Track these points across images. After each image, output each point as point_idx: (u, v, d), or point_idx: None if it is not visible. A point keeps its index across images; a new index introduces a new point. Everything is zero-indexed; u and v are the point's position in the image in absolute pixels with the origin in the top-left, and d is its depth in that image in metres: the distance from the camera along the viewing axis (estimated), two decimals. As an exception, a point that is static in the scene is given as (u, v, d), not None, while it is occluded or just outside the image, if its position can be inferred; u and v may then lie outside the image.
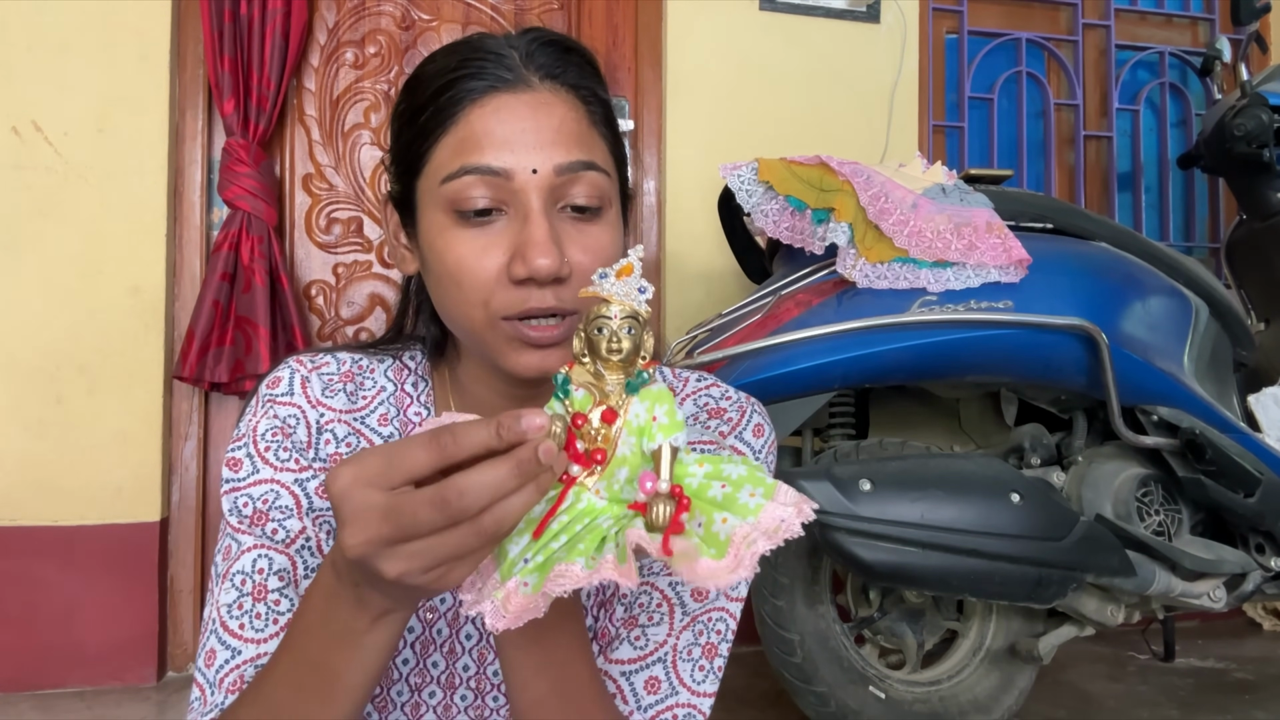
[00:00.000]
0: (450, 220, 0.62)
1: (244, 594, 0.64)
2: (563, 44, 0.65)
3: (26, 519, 2.01)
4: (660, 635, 0.67)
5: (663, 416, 0.49)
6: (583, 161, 0.61)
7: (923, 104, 2.56)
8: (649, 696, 0.66)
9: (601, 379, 0.50)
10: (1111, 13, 2.81)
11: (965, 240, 1.50)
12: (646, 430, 0.49)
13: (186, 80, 2.17)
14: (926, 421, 1.89)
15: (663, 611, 0.68)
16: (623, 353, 0.49)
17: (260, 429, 0.67)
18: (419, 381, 0.73)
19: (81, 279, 2.04)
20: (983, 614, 1.74)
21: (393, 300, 2.31)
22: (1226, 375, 1.80)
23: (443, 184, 0.61)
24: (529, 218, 0.60)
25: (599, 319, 0.50)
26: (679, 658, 0.67)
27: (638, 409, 0.50)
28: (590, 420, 0.50)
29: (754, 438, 0.72)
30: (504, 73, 0.62)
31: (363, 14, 2.32)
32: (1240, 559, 1.62)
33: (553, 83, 0.63)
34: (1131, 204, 2.86)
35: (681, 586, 0.69)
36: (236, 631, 0.63)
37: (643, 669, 0.66)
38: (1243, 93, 1.99)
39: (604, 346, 0.49)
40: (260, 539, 0.65)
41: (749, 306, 1.59)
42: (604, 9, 2.43)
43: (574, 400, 0.50)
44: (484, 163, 0.60)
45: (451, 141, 0.62)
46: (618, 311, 0.50)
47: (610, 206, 0.64)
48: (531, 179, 0.60)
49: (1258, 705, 1.96)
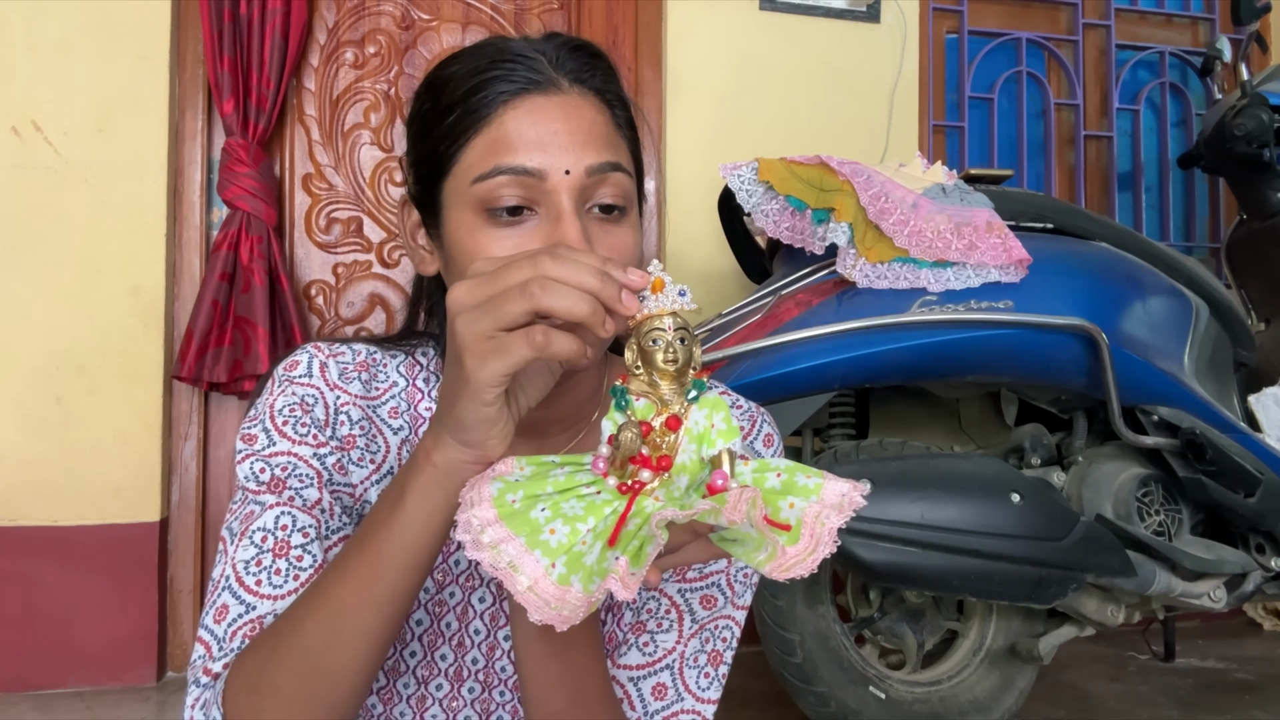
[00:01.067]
0: (481, 220, 0.62)
1: (264, 550, 0.63)
2: (589, 49, 0.66)
3: (26, 519, 2.01)
4: (669, 642, 0.69)
5: (720, 423, 0.51)
6: (611, 163, 0.62)
7: (923, 104, 2.56)
8: (656, 702, 0.68)
9: (657, 388, 0.51)
10: (1112, 12, 2.81)
11: (965, 240, 1.50)
12: (705, 437, 0.51)
13: (186, 80, 2.16)
14: (926, 422, 1.89)
15: (671, 619, 0.69)
16: (679, 363, 0.51)
17: (278, 405, 0.67)
18: (430, 377, 0.74)
19: (81, 279, 2.04)
20: (983, 614, 1.73)
21: (393, 300, 2.31)
22: (1227, 375, 1.80)
23: (474, 184, 0.62)
24: (562, 218, 0.60)
25: (654, 331, 0.51)
26: (686, 665, 0.69)
27: (697, 416, 0.51)
28: (654, 428, 0.51)
29: (764, 447, 0.73)
30: (535, 75, 0.63)
31: (362, 14, 2.32)
32: (1240, 559, 1.62)
33: (581, 86, 0.64)
34: (1132, 204, 2.86)
35: (691, 594, 0.70)
36: (252, 587, 0.62)
37: (650, 675, 0.68)
38: (1243, 92, 1.99)
39: (660, 357, 0.50)
40: (281, 499, 0.65)
41: (749, 306, 1.59)
42: (604, 9, 2.43)
43: (636, 410, 0.51)
44: (518, 163, 0.60)
45: (483, 142, 0.62)
46: (671, 323, 0.51)
47: (633, 208, 0.66)
48: (564, 180, 0.61)
49: (1258, 705, 1.96)
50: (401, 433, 0.71)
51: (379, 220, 2.32)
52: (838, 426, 1.74)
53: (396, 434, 0.71)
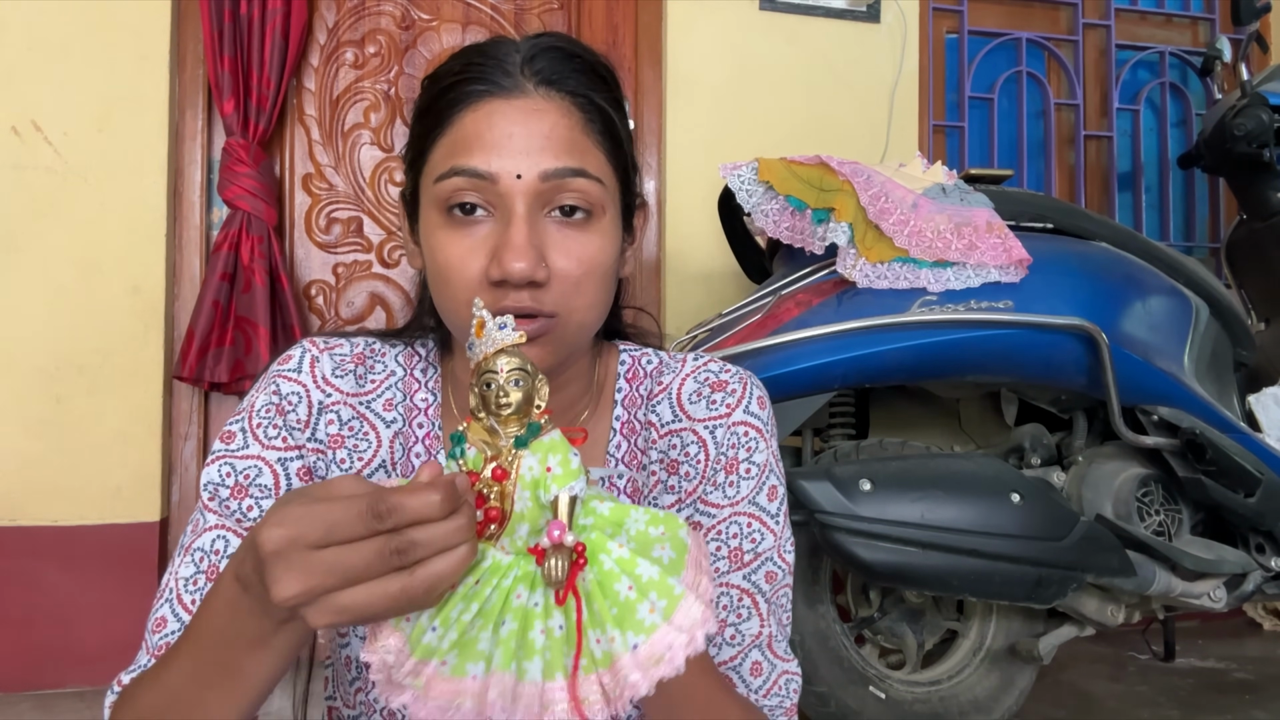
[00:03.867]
0: (441, 219, 0.64)
1: (200, 570, 0.65)
2: (566, 50, 0.66)
3: (26, 519, 2.00)
4: (754, 628, 0.70)
5: (556, 467, 0.49)
6: (570, 168, 0.62)
7: (923, 104, 2.56)
8: (756, 679, 0.70)
9: (496, 435, 0.50)
10: (1112, 12, 2.81)
11: (965, 240, 1.50)
12: (541, 483, 0.49)
13: (186, 80, 2.16)
14: (926, 421, 1.89)
15: (747, 605, 0.70)
16: (513, 405, 0.49)
17: (258, 404, 0.69)
18: (428, 368, 0.75)
19: (81, 279, 2.04)
20: (983, 614, 1.73)
21: (393, 300, 2.31)
22: (1227, 375, 1.80)
23: (436, 183, 0.63)
24: (510, 222, 0.61)
25: (487, 374, 0.49)
26: (774, 640, 0.71)
27: (530, 462, 0.49)
28: (483, 477, 0.49)
29: (759, 409, 0.74)
30: (501, 78, 0.63)
31: (363, 14, 2.32)
32: (1240, 559, 1.62)
33: (548, 89, 0.64)
34: (1132, 204, 2.86)
35: (757, 574, 0.71)
36: (189, 605, 0.64)
37: (745, 659, 0.70)
38: (1243, 92, 1.99)
39: (494, 401, 0.49)
40: (224, 519, 0.67)
41: (749, 306, 1.59)
42: (604, 9, 2.43)
43: (467, 459, 0.50)
44: (471, 165, 0.61)
45: (446, 142, 0.64)
46: (504, 364, 0.49)
47: (603, 213, 0.65)
48: (516, 184, 0.61)
49: (1258, 705, 1.96)
50: (395, 425, 0.72)
51: (379, 220, 2.32)
52: (838, 426, 1.74)
53: (389, 426, 0.72)
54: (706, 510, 0.71)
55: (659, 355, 0.77)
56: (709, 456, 0.72)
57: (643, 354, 0.77)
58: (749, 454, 0.72)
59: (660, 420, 0.73)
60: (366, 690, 0.70)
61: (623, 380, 0.76)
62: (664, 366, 0.76)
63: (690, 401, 0.73)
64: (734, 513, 0.71)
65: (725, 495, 0.71)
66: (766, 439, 0.73)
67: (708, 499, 0.71)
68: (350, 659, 0.71)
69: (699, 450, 0.72)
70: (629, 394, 0.75)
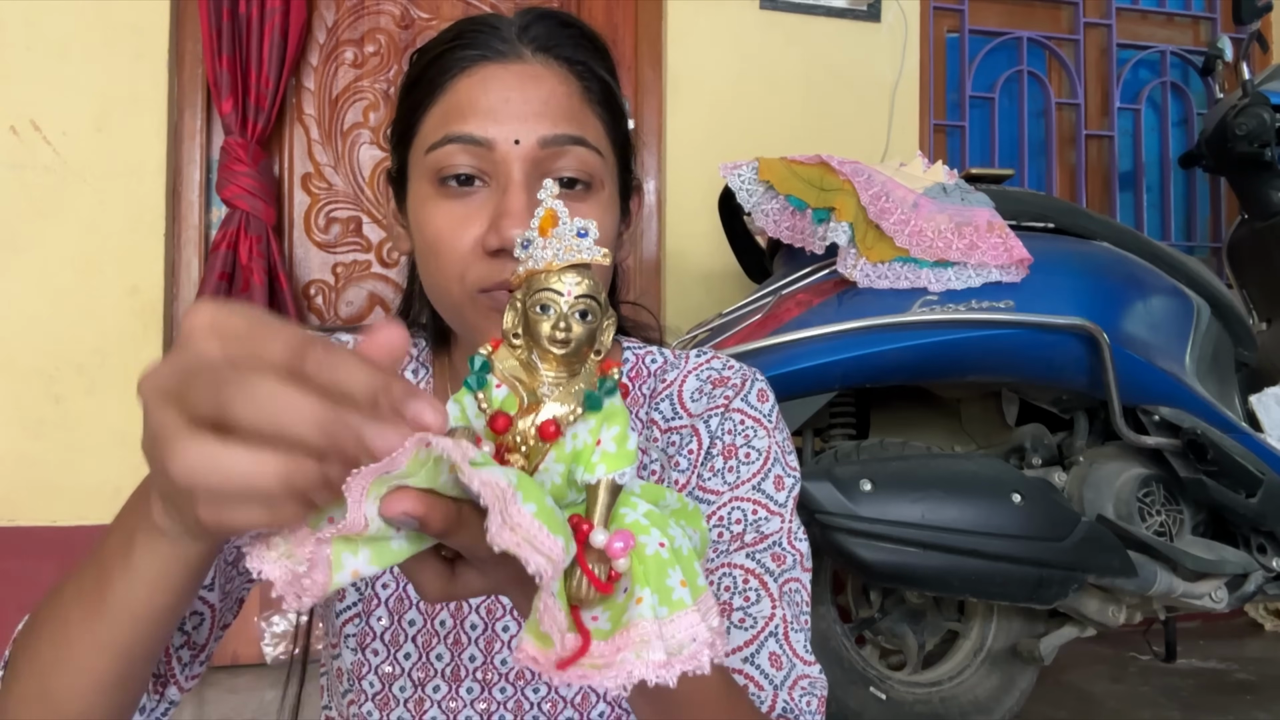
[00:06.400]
0: (433, 190, 0.61)
1: None
2: (560, 18, 0.64)
3: (26, 519, 2.00)
4: (765, 610, 0.63)
5: (610, 443, 0.36)
6: (570, 136, 0.60)
7: (923, 103, 2.56)
8: (777, 672, 0.62)
9: (534, 372, 0.37)
10: (1113, 12, 2.81)
11: (966, 240, 1.50)
12: (584, 458, 0.36)
13: (185, 79, 2.16)
14: (927, 422, 1.88)
15: (754, 586, 0.64)
16: (570, 344, 0.36)
17: None
18: (419, 369, 0.73)
19: (80, 279, 2.04)
20: (984, 615, 1.73)
21: (392, 300, 2.31)
22: (1228, 375, 1.80)
23: (428, 153, 0.61)
24: (508, 189, 0.59)
25: (544, 291, 0.36)
26: (791, 630, 0.63)
27: (581, 429, 0.36)
28: (517, 428, 0.36)
29: (759, 402, 0.70)
30: (497, 44, 0.61)
31: (362, 13, 2.31)
32: (1242, 559, 1.62)
33: (545, 55, 0.62)
34: (1133, 203, 2.85)
35: (762, 554, 0.65)
36: None
37: (760, 648, 0.63)
38: (1244, 92, 1.98)
39: (547, 330, 0.36)
40: None
41: (749, 306, 1.58)
42: (604, 9, 2.42)
43: (493, 399, 0.37)
44: (466, 131, 0.59)
45: (439, 111, 0.61)
46: (573, 286, 0.36)
47: (602, 187, 0.63)
48: (514, 150, 0.59)
49: (1259, 706, 1.96)
50: None
51: (378, 220, 2.31)
52: (838, 426, 1.74)
53: None
54: (705, 497, 0.68)
55: (663, 353, 0.75)
56: (701, 445, 0.69)
57: (647, 352, 0.76)
58: (747, 440, 0.68)
59: (662, 418, 0.72)
60: (359, 702, 0.70)
61: (625, 379, 0.74)
62: (668, 365, 0.74)
63: (692, 399, 0.72)
64: (734, 497, 0.67)
65: (724, 480, 0.68)
66: (768, 429, 0.69)
67: (706, 485, 0.68)
68: (341, 670, 0.70)
69: (692, 439, 0.69)
70: (631, 393, 0.74)
